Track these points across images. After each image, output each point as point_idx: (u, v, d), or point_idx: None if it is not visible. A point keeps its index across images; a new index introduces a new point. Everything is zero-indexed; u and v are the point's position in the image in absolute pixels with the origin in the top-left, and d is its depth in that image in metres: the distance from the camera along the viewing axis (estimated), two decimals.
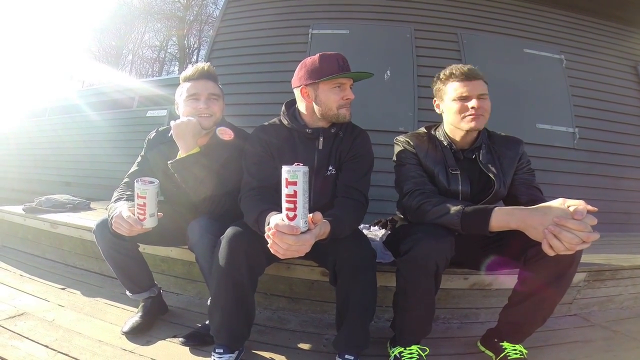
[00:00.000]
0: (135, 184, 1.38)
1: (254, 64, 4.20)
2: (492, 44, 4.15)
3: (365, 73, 1.48)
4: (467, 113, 1.46)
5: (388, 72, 3.89)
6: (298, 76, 1.52)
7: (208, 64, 1.67)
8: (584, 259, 1.27)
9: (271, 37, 4.27)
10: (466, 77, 1.47)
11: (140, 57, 17.40)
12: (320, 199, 1.53)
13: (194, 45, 17.03)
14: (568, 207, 1.11)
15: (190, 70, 1.64)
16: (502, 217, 1.22)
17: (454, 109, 1.49)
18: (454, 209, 1.30)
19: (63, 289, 2.10)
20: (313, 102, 1.49)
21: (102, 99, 5.44)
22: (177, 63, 16.97)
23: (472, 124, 1.45)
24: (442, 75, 1.56)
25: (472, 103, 1.45)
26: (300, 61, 1.53)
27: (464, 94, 1.46)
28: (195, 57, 16.73)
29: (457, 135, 1.55)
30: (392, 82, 3.88)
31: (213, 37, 4.58)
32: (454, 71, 1.50)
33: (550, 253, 1.11)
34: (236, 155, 1.59)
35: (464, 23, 4.18)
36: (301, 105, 1.55)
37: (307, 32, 4.16)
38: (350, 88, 1.50)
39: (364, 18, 4.20)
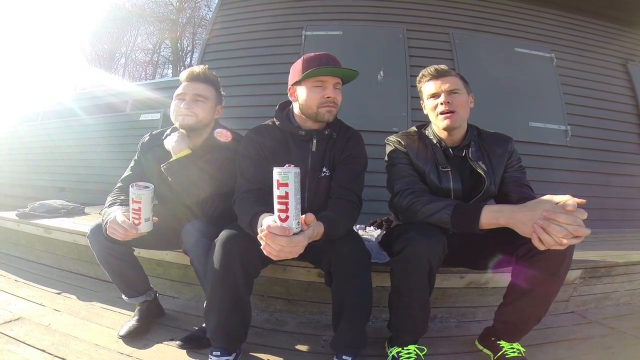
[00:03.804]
0: (130, 188, 1.37)
1: (247, 66, 4.20)
2: (484, 43, 4.18)
3: (348, 70, 1.45)
4: (438, 110, 1.49)
5: (381, 72, 3.90)
6: (288, 78, 1.54)
7: (203, 66, 1.68)
8: (579, 256, 1.28)
9: (264, 39, 4.27)
10: (435, 76, 1.53)
11: (133, 60, 17.34)
12: (314, 201, 1.53)
13: (187, 47, 17.01)
14: (556, 202, 1.11)
15: (184, 72, 1.66)
16: (492, 215, 1.23)
17: (429, 107, 1.55)
18: (443, 207, 1.31)
19: (58, 293, 2.08)
20: (297, 101, 1.50)
21: (95, 102, 5.39)
22: (171, 66, 16.93)
23: (445, 123, 1.48)
24: (418, 78, 1.62)
25: (440, 99, 1.49)
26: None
27: (433, 91, 1.52)
28: (188, 59, 16.70)
29: (444, 134, 1.57)
30: (385, 82, 3.89)
31: (206, 39, 4.57)
32: (425, 72, 1.57)
33: (541, 247, 1.10)
34: (232, 158, 1.59)
35: (455, 23, 4.21)
36: (295, 106, 1.56)
37: (300, 34, 4.16)
38: (337, 88, 1.48)
39: (356, 19, 4.21)
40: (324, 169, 1.53)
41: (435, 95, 1.52)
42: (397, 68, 3.93)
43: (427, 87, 1.55)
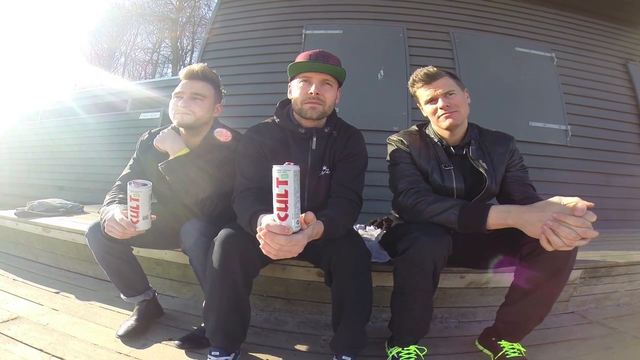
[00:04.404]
0: (128, 186, 1.37)
1: (247, 65, 4.20)
2: (484, 42, 4.18)
3: (325, 65, 1.44)
4: (438, 114, 1.49)
5: (381, 71, 3.90)
6: None
7: (202, 64, 1.67)
8: (580, 256, 1.27)
9: (264, 38, 4.26)
10: (427, 80, 1.52)
11: (132, 59, 17.31)
12: (314, 199, 1.52)
13: (187, 47, 16.98)
14: (565, 204, 1.11)
15: (183, 70, 1.65)
16: (499, 215, 1.22)
17: (429, 112, 1.54)
18: (450, 207, 1.30)
19: (57, 292, 2.07)
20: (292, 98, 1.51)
21: (95, 101, 5.39)
22: (170, 65, 16.91)
23: (447, 122, 1.47)
24: (409, 83, 1.61)
25: (439, 104, 1.48)
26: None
27: (430, 97, 1.51)
28: (188, 58, 16.68)
29: (445, 134, 1.57)
30: (385, 81, 3.89)
31: (205, 38, 4.57)
32: (415, 77, 1.57)
33: (549, 249, 1.11)
34: (232, 157, 1.58)
35: (456, 22, 4.21)
36: None
37: (300, 33, 4.16)
38: (328, 84, 1.47)
39: (357, 18, 4.21)
40: (324, 168, 1.52)
41: (432, 100, 1.52)
42: (397, 67, 3.92)
43: (422, 93, 1.55)
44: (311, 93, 1.43)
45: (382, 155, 1.68)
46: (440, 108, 1.47)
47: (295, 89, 1.48)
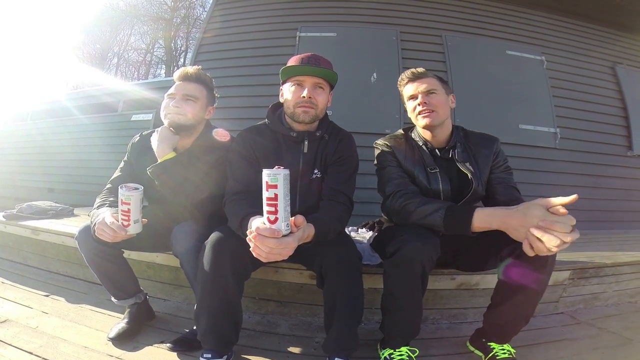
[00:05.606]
0: (120, 190, 1.36)
1: (241, 66, 4.19)
2: (476, 45, 4.22)
3: (318, 69, 1.45)
4: (417, 110, 1.53)
5: (374, 74, 3.91)
6: None
7: (197, 67, 1.68)
8: (568, 257, 1.29)
9: (259, 40, 4.27)
10: (412, 78, 1.57)
11: (125, 60, 17.16)
12: (306, 202, 1.52)
13: (181, 47, 16.89)
14: (552, 206, 1.11)
15: (177, 72, 1.66)
16: (484, 218, 1.24)
17: (410, 109, 1.59)
18: (436, 210, 1.32)
19: (46, 295, 2.05)
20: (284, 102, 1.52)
21: (87, 102, 5.32)
22: (164, 66, 16.80)
23: (425, 121, 1.51)
24: (398, 82, 1.66)
25: (417, 100, 1.53)
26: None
27: (411, 93, 1.56)
28: (182, 59, 16.57)
29: (427, 135, 1.59)
30: (378, 84, 3.91)
31: (199, 39, 4.55)
32: (403, 76, 1.62)
33: (531, 254, 1.12)
34: (226, 157, 1.58)
35: (448, 25, 4.25)
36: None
37: (294, 35, 4.17)
38: (321, 88, 1.48)
39: (351, 21, 4.23)
40: (316, 171, 1.53)
41: (413, 97, 1.56)
42: (390, 70, 3.94)
43: (406, 91, 1.60)
44: (304, 97, 1.44)
45: (374, 158, 1.69)
46: (418, 104, 1.51)
47: (287, 93, 1.49)
